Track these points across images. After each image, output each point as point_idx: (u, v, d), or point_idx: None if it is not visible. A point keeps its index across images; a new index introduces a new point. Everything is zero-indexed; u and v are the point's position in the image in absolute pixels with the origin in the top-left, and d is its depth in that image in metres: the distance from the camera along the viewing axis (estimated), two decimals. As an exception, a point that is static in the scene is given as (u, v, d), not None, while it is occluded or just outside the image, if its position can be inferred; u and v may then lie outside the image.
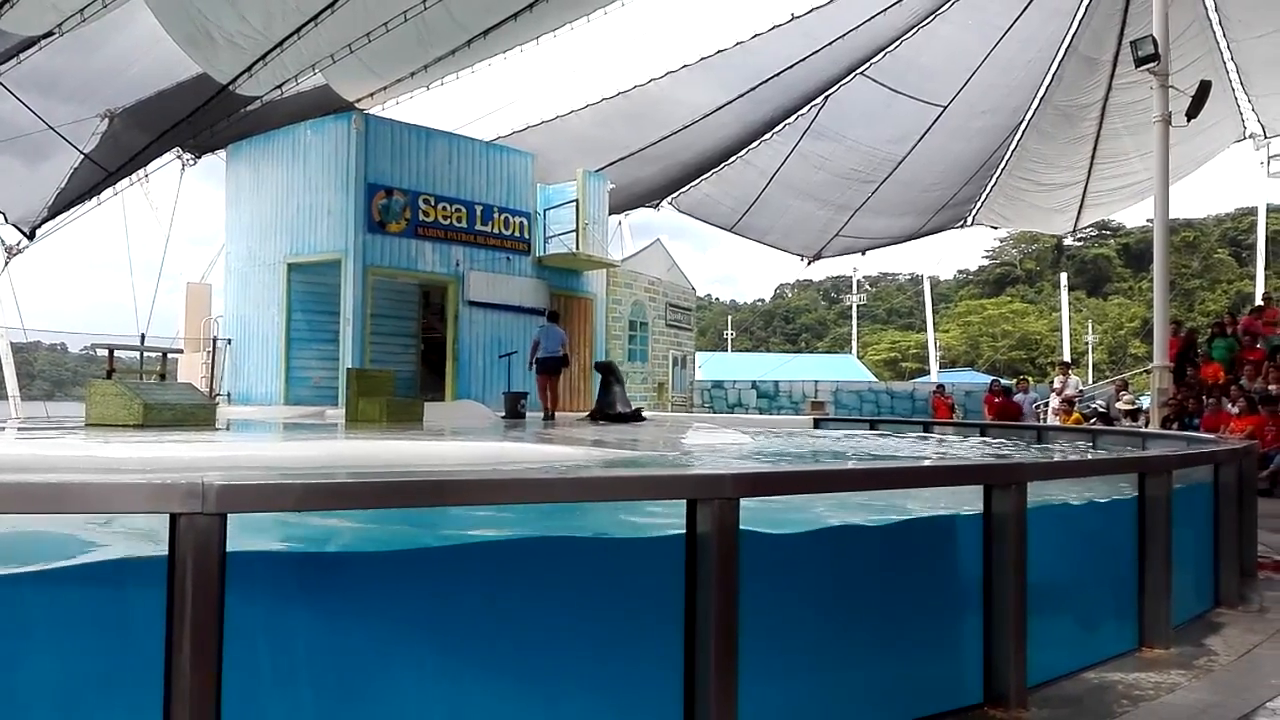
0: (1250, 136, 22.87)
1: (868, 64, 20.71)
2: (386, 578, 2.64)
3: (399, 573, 2.67)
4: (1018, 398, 20.33)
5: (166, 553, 2.22)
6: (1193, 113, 13.96)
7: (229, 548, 2.26)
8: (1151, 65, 13.57)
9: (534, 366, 14.28)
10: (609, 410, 14.01)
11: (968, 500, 3.80)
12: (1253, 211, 34.99)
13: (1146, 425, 14.76)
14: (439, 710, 2.60)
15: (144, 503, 2.26)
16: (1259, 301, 19.56)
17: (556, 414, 14.33)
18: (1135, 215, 47.00)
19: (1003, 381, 23.26)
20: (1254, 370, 14.49)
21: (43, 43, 13.40)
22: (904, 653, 3.52)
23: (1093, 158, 23.37)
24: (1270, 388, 13.59)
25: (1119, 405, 17.48)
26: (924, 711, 3.43)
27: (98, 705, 2.30)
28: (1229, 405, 13.82)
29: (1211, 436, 9.13)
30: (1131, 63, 14.26)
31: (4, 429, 9.21)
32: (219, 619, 2.19)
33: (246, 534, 2.45)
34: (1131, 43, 13.98)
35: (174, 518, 2.19)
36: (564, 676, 2.78)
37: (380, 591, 2.60)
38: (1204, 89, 14.03)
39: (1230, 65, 20.06)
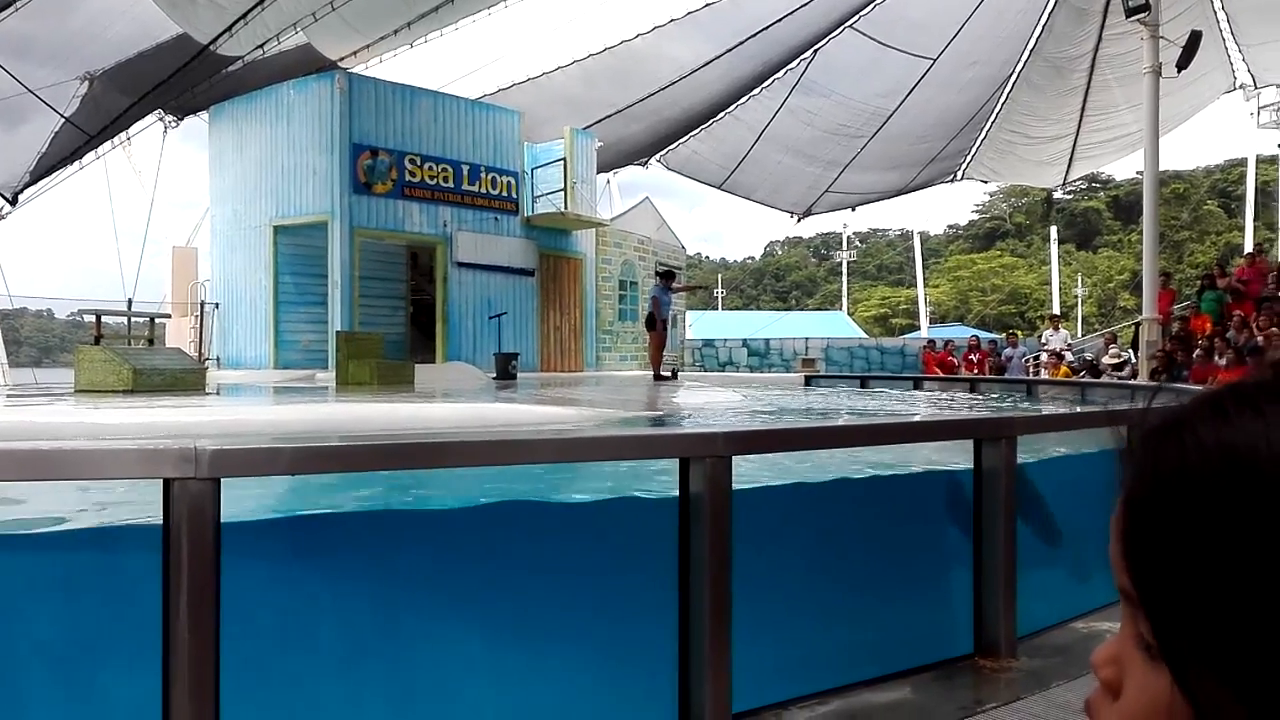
0: (1240, 87, 22.75)
1: (856, 17, 20.49)
2: (385, 539, 2.65)
3: (397, 534, 2.68)
4: (1006, 352, 20.37)
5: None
6: (1183, 63, 13.88)
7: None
8: (1142, 15, 13.45)
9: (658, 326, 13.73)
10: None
11: (957, 455, 3.82)
12: (1242, 163, 34.86)
13: (1134, 377, 14.84)
14: (438, 670, 2.62)
15: (137, 468, 2.26)
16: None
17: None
18: (1125, 168, 46.74)
19: (981, 335, 23.28)
20: (1241, 322, 14.55)
21: (18, 4, 13.16)
22: (896, 605, 3.56)
23: (1083, 110, 23.22)
24: (1258, 339, 13.64)
25: (1105, 359, 17.54)
26: (916, 663, 3.47)
27: (98, 669, 2.32)
28: (1217, 358, 13.89)
29: (1199, 389, 9.17)
30: (1122, 13, 14.14)
31: (-7, 396, 9.17)
32: (216, 583, 2.20)
33: (239, 499, 2.45)
34: (1122, -8, 13.86)
35: (167, 483, 2.19)
36: (561, 635, 2.80)
37: (379, 553, 2.61)
38: (1194, 39, 13.94)
39: (1221, 15, 19.90)
